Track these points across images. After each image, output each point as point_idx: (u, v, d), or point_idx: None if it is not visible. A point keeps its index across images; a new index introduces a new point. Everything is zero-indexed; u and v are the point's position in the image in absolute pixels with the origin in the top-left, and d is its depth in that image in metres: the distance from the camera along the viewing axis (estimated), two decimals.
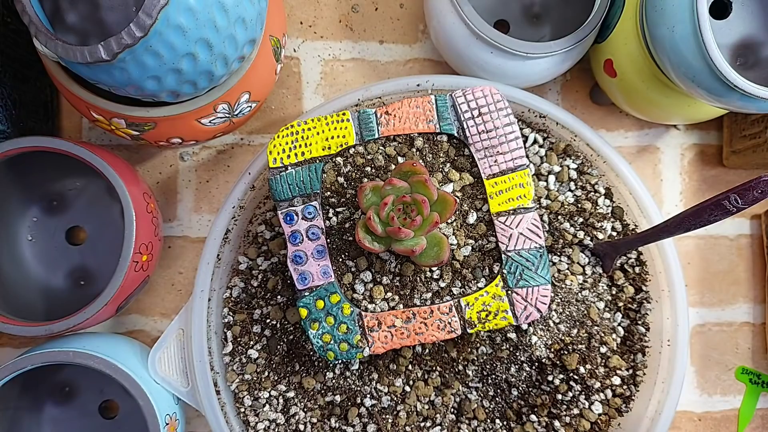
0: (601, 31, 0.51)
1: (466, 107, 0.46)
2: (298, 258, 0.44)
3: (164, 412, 0.48)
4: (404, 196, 0.41)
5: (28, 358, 0.46)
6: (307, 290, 0.44)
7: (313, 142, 0.45)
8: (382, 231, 0.41)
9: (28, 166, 0.51)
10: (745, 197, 0.37)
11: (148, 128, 0.46)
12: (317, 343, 0.44)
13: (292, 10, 0.58)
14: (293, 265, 0.44)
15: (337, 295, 0.44)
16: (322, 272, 0.44)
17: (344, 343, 0.44)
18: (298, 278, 0.44)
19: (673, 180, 0.60)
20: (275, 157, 0.45)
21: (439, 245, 0.42)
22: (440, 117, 0.46)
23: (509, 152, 0.46)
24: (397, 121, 0.46)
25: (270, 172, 0.45)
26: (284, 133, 0.46)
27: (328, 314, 0.44)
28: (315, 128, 0.45)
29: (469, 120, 0.46)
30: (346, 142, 0.45)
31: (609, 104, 0.59)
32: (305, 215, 0.44)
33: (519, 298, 0.44)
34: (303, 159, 0.45)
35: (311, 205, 0.44)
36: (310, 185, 0.45)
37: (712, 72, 0.41)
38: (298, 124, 0.46)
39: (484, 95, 0.46)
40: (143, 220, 0.48)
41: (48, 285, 0.55)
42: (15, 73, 0.52)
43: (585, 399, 0.49)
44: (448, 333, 0.44)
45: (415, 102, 0.46)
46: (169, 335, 0.50)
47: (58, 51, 0.37)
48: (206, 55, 0.39)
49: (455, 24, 0.49)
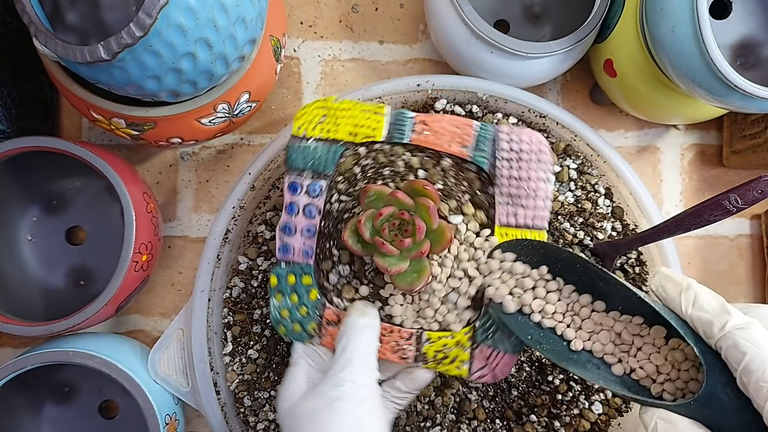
0: (601, 31, 0.51)
1: (506, 146, 0.43)
2: (287, 229, 0.43)
3: (164, 412, 0.48)
4: (404, 212, 0.40)
5: (27, 358, 0.46)
6: (285, 262, 0.43)
7: (342, 124, 0.43)
8: (369, 238, 0.40)
9: (27, 165, 0.51)
10: (745, 197, 0.36)
11: (148, 128, 0.46)
12: (274, 315, 0.44)
13: (292, 10, 0.58)
14: (281, 233, 0.43)
15: (311, 278, 0.43)
16: (305, 251, 0.43)
17: (298, 324, 0.43)
18: (280, 247, 0.43)
19: (673, 180, 0.60)
20: (300, 126, 0.44)
21: (419, 273, 0.41)
22: (477, 146, 0.43)
23: (533, 209, 0.43)
24: (431, 133, 0.43)
25: (291, 139, 0.44)
26: (317, 105, 0.44)
27: (295, 292, 0.43)
28: (349, 111, 0.44)
29: (504, 160, 0.43)
30: (374, 135, 0.43)
31: (609, 104, 0.59)
32: (309, 191, 0.43)
33: (481, 357, 0.42)
34: (327, 137, 0.43)
35: (318, 183, 0.43)
36: (325, 164, 0.43)
37: (712, 72, 0.41)
38: (333, 101, 0.44)
39: (530, 142, 0.43)
40: (143, 220, 0.48)
41: (48, 285, 0.55)
42: (15, 72, 0.52)
43: (585, 399, 0.49)
44: (399, 357, 0.43)
45: (456, 121, 0.44)
46: (169, 335, 0.50)
47: (57, 50, 0.37)
48: (206, 55, 0.38)
49: (455, 24, 0.49)
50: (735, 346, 0.32)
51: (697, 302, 0.35)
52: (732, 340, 0.33)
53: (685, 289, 0.35)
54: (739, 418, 0.33)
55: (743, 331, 0.32)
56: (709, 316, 0.34)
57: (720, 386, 0.33)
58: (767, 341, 0.32)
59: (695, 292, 0.35)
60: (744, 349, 0.32)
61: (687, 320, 0.35)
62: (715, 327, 0.33)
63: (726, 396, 0.33)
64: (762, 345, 0.32)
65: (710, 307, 0.34)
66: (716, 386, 0.33)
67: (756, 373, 0.31)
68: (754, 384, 0.32)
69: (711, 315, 0.34)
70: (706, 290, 0.35)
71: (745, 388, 0.32)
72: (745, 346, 0.32)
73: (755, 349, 0.32)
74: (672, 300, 0.36)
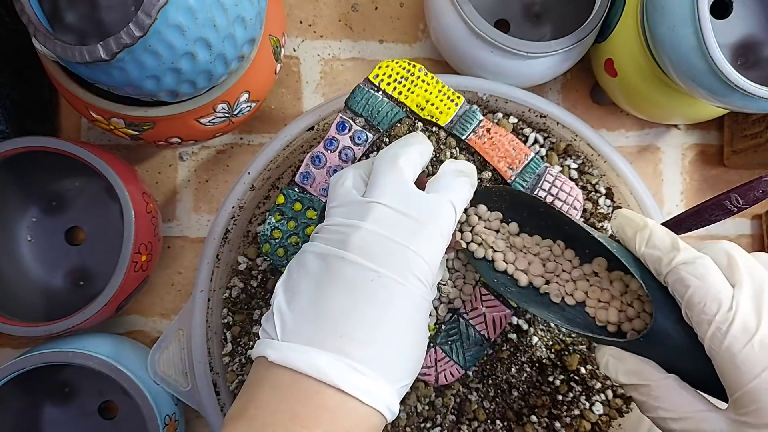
0: (601, 30, 0.51)
1: (547, 186, 0.44)
2: (317, 159, 0.43)
3: (164, 412, 0.48)
4: None
5: (27, 359, 0.46)
6: (300, 188, 0.44)
7: (416, 93, 0.44)
8: None
9: (27, 166, 0.51)
10: (746, 197, 0.36)
11: (147, 128, 0.46)
12: (266, 231, 0.44)
13: (292, 9, 0.58)
14: (309, 161, 0.43)
15: (316, 214, 0.43)
16: (323, 189, 0.43)
17: (282, 249, 0.43)
18: (303, 173, 0.44)
19: (673, 180, 0.60)
20: (378, 75, 0.44)
21: None
22: (522, 173, 0.44)
23: None
24: (488, 142, 0.44)
25: (364, 81, 0.44)
26: (403, 64, 0.44)
27: (294, 219, 0.43)
28: (428, 85, 0.44)
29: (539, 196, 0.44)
30: (438, 118, 0.44)
31: (609, 104, 0.59)
32: (355, 136, 0.43)
33: (432, 357, 0.43)
34: (396, 97, 0.44)
35: (367, 134, 0.43)
36: (381, 120, 0.44)
37: (713, 72, 0.41)
38: (419, 70, 0.44)
39: (570, 192, 0.45)
40: (142, 220, 0.48)
41: (47, 285, 0.55)
42: (14, 72, 0.52)
43: (586, 399, 0.49)
44: None
45: (515, 143, 0.44)
46: (168, 335, 0.50)
47: (56, 51, 0.36)
48: (205, 55, 0.38)
49: (455, 23, 0.49)
50: (680, 281, 0.33)
51: (650, 240, 0.35)
52: (677, 274, 0.33)
53: (641, 229, 0.36)
54: (689, 355, 0.33)
55: (689, 266, 0.33)
56: (660, 253, 0.34)
57: (670, 323, 0.34)
58: (712, 276, 0.32)
59: (650, 230, 0.35)
60: (688, 282, 0.32)
61: (640, 258, 0.36)
62: (664, 263, 0.34)
63: (676, 333, 0.34)
64: (706, 279, 0.32)
65: (662, 244, 0.34)
66: (666, 323, 0.34)
67: (698, 306, 0.32)
68: (696, 317, 0.32)
69: (661, 252, 0.34)
70: (662, 229, 0.35)
71: (690, 321, 0.33)
72: (689, 280, 0.32)
73: (698, 282, 0.32)
74: (629, 240, 0.36)
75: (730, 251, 0.33)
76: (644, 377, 0.34)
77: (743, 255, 0.33)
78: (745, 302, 0.31)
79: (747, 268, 0.32)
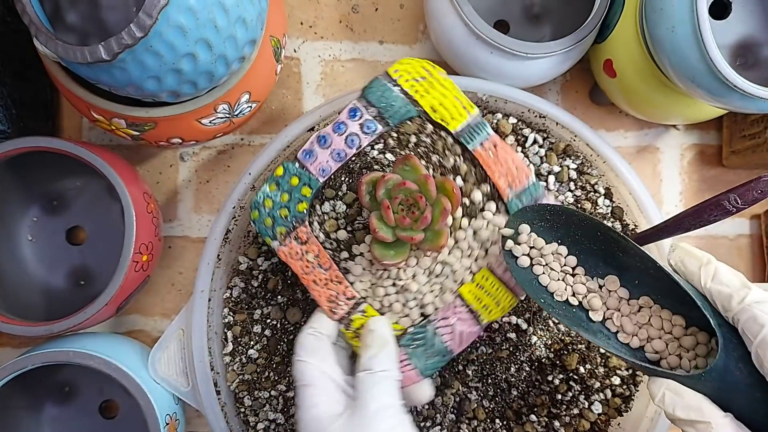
0: (600, 31, 0.51)
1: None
2: (323, 140, 0.44)
3: (164, 412, 0.48)
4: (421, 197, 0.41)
5: (28, 358, 0.46)
6: (300, 164, 0.44)
7: (432, 95, 0.44)
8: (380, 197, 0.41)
9: (28, 166, 0.51)
10: (745, 197, 0.36)
11: (149, 128, 0.46)
12: (258, 199, 0.44)
13: (293, 10, 0.58)
14: (315, 139, 0.44)
15: (310, 192, 0.44)
16: (323, 169, 0.44)
17: (271, 220, 0.44)
18: (306, 150, 0.44)
19: (672, 180, 0.60)
20: (398, 70, 0.44)
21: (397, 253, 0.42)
22: (520, 194, 0.44)
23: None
24: (493, 157, 0.44)
25: (383, 74, 0.44)
26: (423, 64, 0.44)
27: (288, 193, 0.44)
28: (445, 89, 0.44)
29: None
30: (449, 124, 0.44)
31: (609, 104, 0.59)
32: (364, 125, 0.44)
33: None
34: (412, 95, 0.44)
35: (376, 125, 0.44)
36: (392, 114, 0.44)
37: (712, 72, 0.41)
38: (439, 72, 0.44)
39: None
40: (143, 220, 0.48)
41: (48, 285, 0.55)
42: (15, 73, 0.52)
43: (585, 399, 0.49)
44: (328, 309, 0.43)
45: (519, 163, 0.44)
46: (169, 335, 0.50)
47: (58, 51, 0.37)
48: (206, 56, 0.39)
49: (455, 24, 0.49)
50: (753, 319, 0.32)
51: (717, 276, 0.35)
52: (751, 312, 0.33)
53: (705, 264, 0.36)
54: (750, 395, 0.33)
55: (763, 305, 0.33)
56: (729, 289, 0.34)
57: (733, 361, 0.33)
58: None
59: (715, 266, 0.35)
60: (762, 321, 0.32)
61: (706, 293, 0.35)
62: (734, 300, 0.33)
63: (739, 371, 0.33)
64: None
65: (730, 281, 0.34)
66: (729, 361, 0.33)
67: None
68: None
69: (731, 289, 0.34)
70: (726, 266, 0.35)
71: (759, 361, 0.32)
72: (764, 319, 0.32)
73: None
74: (691, 273, 0.36)
75: None
76: (704, 414, 0.33)
77: None
78: None
79: None
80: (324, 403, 0.38)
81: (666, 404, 0.35)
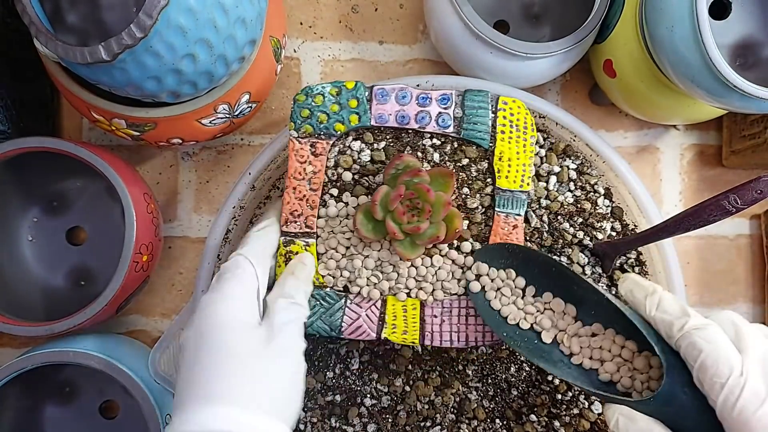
0: (600, 31, 0.51)
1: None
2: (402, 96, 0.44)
3: (165, 411, 0.48)
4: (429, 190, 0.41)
5: (28, 358, 0.46)
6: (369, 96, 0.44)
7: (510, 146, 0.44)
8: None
9: (28, 166, 0.51)
10: (745, 197, 0.37)
11: (149, 129, 0.46)
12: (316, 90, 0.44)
13: (292, 10, 0.59)
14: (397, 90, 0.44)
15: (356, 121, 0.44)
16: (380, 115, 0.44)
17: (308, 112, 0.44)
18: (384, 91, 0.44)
19: (672, 180, 0.60)
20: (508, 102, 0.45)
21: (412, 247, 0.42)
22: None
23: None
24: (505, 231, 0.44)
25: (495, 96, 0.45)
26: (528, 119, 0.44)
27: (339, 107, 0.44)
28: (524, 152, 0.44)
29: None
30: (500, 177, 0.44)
31: (608, 104, 0.59)
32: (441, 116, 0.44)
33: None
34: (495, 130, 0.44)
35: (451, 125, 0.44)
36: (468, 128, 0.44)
37: (712, 72, 0.41)
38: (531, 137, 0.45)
39: None
40: (143, 220, 0.48)
41: (48, 285, 0.55)
42: (15, 73, 0.52)
43: (584, 399, 0.49)
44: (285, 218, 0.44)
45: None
46: (169, 335, 0.50)
47: (58, 51, 0.37)
48: (206, 56, 0.39)
49: (455, 24, 0.49)
50: (692, 345, 0.34)
51: (660, 305, 0.37)
52: (690, 339, 0.34)
53: (650, 294, 0.38)
54: (697, 417, 0.35)
55: (700, 331, 0.34)
56: (671, 317, 0.36)
57: (679, 385, 0.35)
58: (722, 341, 0.34)
59: (660, 296, 0.37)
60: (700, 347, 0.34)
61: (651, 322, 0.37)
62: (675, 327, 0.35)
63: (684, 395, 0.35)
64: (717, 343, 0.34)
65: (672, 309, 0.36)
66: (675, 385, 0.35)
67: (710, 370, 0.33)
68: (708, 380, 0.33)
69: (672, 316, 0.36)
70: (670, 295, 0.38)
71: (701, 384, 0.34)
72: (701, 344, 0.34)
73: (710, 346, 0.34)
74: (639, 303, 0.38)
75: (735, 320, 0.35)
76: None
77: (747, 324, 0.35)
78: (754, 369, 0.33)
79: (752, 337, 0.34)
80: (246, 306, 0.38)
81: (620, 429, 0.36)
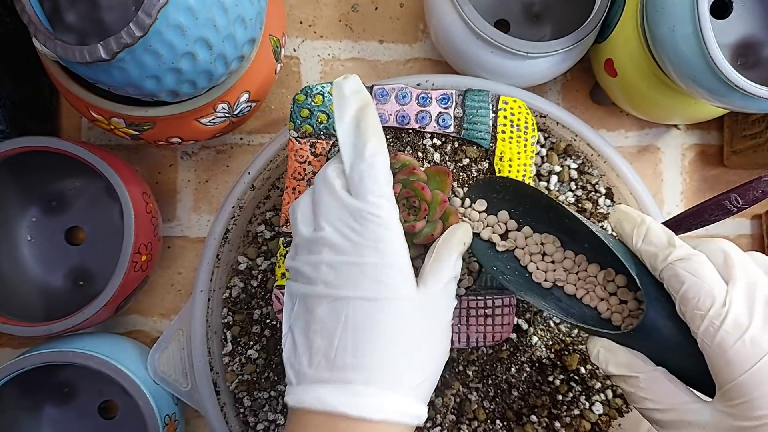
0: (601, 30, 0.51)
1: None
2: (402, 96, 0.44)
3: (164, 412, 0.48)
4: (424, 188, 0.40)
5: (27, 359, 0.46)
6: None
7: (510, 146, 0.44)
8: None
9: (27, 166, 0.51)
10: (746, 197, 0.37)
11: (148, 128, 0.46)
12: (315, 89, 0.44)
13: (292, 9, 0.58)
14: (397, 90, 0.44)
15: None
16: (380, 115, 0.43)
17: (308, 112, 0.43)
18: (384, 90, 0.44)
19: (673, 180, 0.60)
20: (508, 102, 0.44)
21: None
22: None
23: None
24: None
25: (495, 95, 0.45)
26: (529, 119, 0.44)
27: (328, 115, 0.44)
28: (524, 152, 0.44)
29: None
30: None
31: (609, 104, 0.59)
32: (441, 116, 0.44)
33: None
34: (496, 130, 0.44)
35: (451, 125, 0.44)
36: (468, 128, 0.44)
37: (713, 71, 0.41)
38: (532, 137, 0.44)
39: None
40: (142, 220, 0.48)
41: (47, 285, 0.55)
42: (14, 72, 0.52)
43: (585, 399, 0.49)
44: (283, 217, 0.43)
45: None
46: (168, 335, 0.50)
47: (57, 50, 0.36)
48: (206, 55, 0.38)
49: (455, 23, 0.49)
50: (675, 276, 0.34)
51: (647, 237, 0.36)
52: (673, 270, 0.34)
53: (638, 225, 0.36)
54: (679, 350, 0.34)
55: (684, 262, 0.34)
56: (656, 248, 0.35)
57: (661, 318, 0.35)
58: (707, 272, 0.33)
59: (647, 227, 0.36)
60: (683, 278, 0.33)
61: (637, 254, 0.36)
62: (659, 258, 0.35)
63: (667, 328, 0.34)
64: (700, 275, 0.33)
65: (658, 240, 0.35)
66: (658, 318, 0.35)
67: (692, 302, 0.33)
68: (690, 312, 0.33)
69: (657, 248, 0.35)
70: (658, 225, 0.36)
71: (683, 316, 0.33)
72: (684, 276, 0.33)
73: (693, 278, 0.33)
74: (626, 235, 0.37)
75: (726, 249, 0.34)
76: (633, 369, 0.35)
77: (739, 253, 0.34)
78: (738, 299, 0.32)
79: (742, 266, 0.33)
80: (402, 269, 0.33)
81: (600, 361, 0.36)
